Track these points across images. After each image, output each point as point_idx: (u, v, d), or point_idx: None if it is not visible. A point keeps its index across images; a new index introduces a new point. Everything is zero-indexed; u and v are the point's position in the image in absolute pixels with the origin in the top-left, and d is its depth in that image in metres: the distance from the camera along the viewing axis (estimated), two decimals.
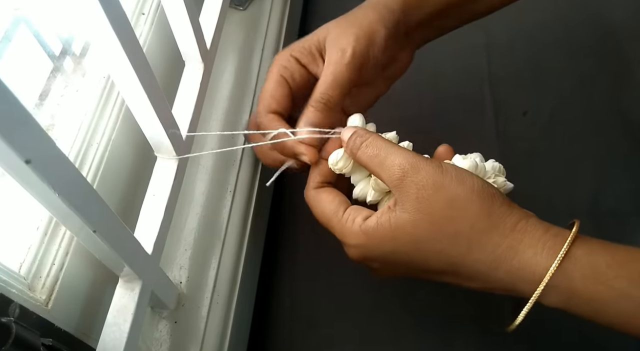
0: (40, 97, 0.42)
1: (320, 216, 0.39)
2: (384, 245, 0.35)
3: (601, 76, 0.64)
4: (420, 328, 0.52)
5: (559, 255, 0.30)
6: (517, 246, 0.31)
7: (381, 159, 0.35)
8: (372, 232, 0.35)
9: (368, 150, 0.36)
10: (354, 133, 0.38)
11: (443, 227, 0.33)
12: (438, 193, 0.33)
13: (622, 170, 0.58)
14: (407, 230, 0.34)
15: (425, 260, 0.34)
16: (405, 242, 0.34)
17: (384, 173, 0.35)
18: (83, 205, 0.28)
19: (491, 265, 0.32)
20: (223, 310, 0.46)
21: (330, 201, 0.38)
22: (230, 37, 0.61)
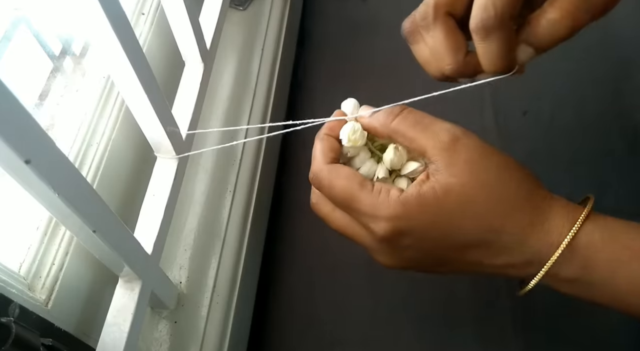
0: (40, 97, 0.42)
1: (342, 190, 0.34)
2: (425, 213, 0.32)
3: (601, 77, 0.64)
4: (420, 328, 0.52)
5: (582, 216, 0.32)
6: (548, 211, 0.33)
7: (425, 124, 0.34)
8: (413, 202, 0.32)
9: (410, 116, 0.34)
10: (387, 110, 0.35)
11: (491, 190, 0.32)
12: (488, 157, 0.33)
13: (622, 170, 0.58)
14: (454, 194, 0.32)
15: (465, 229, 0.33)
16: (450, 208, 0.32)
17: (429, 138, 0.33)
18: (83, 205, 0.28)
19: (525, 231, 0.32)
20: (223, 310, 0.46)
21: (353, 174, 0.34)
22: (230, 37, 0.61)
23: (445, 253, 0.34)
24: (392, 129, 0.35)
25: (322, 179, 0.35)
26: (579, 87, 0.64)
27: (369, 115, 0.36)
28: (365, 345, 0.52)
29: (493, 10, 0.30)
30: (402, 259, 0.35)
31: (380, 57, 0.70)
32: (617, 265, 0.31)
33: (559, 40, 0.34)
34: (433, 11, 0.33)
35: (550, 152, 0.60)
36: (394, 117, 0.35)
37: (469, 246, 0.33)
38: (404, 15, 0.39)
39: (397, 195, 0.33)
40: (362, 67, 0.70)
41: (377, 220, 0.33)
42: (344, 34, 0.73)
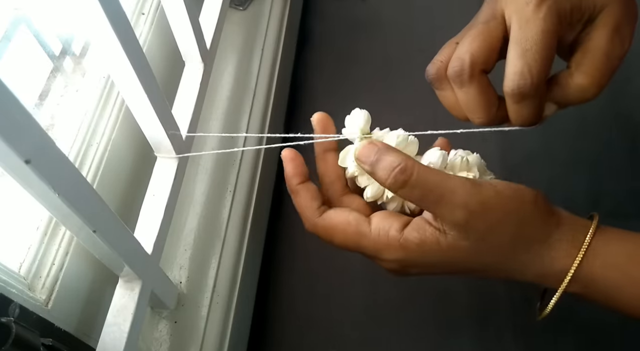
0: (40, 97, 0.42)
1: (344, 242, 0.34)
2: (425, 257, 0.33)
3: None
4: (420, 329, 0.52)
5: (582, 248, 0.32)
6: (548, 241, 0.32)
7: (436, 195, 0.31)
8: (414, 247, 0.32)
9: (417, 186, 0.31)
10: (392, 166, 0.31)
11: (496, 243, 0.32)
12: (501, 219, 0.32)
13: (622, 171, 0.58)
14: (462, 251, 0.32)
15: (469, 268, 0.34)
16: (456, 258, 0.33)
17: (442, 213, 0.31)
18: (83, 205, 0.28)
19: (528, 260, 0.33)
20: (223, 310, 0.46)
21: (347, 222, 0.33)
22: (230, 37, 0.61)
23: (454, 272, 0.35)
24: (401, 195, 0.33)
25: (319, 235, 0.35)
26: None
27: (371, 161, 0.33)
28: (364, 344, 0.53)
29: (529, 77, 0.31)
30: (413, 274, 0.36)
31: (380, 57, 0.70)
32: (616, 291, 0.32)
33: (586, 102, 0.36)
34: (469, 70, 0.33)
35: (549, 152, 0.60)
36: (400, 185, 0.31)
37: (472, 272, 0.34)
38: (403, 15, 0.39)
39: (398, 239, 0.32)
40: (362, 66, 0.70)
41: (382, 261, 0.34)
42: (344, 34, 0.73)
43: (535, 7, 0.31)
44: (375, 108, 0.49)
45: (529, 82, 0.32)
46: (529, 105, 0.34)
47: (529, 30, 0.32)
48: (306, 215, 0.35)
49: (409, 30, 0.71)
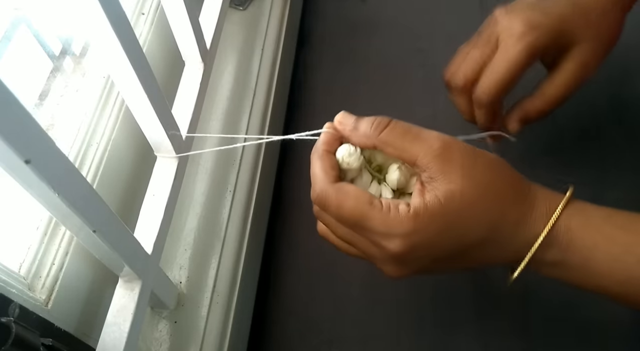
0: (40, 97, 0.42)
1: (352, 210, 0.34)
2: (434, 222, 0.33)
3: (601, 78, 0.64)
4: (420, 328, 0.52)
5: (561, 204, 0.34)
6: (534, 202, 0.35)
7: (414, 134, 0.34)
8: (422, 213, 0.33)
9: (398, 127, 0.35)
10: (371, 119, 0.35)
11: (486, 190, 0.34)
12: (477, 159, 0.34)
13: (622, 171, 0.58)
14: (456, 199, 0.33)
15: (470, 229, 0.34)
16: (455, 213, 0.33)
17: (420, 147, 0.34)
18: (83, 205, 0.28)
19: (519, 221, 0.34)
20: (223, 310, 0.46)
21: (361, 193, 0.34)
22: (230, 37, 0.61)
23: (451, 256, 0.35)
24: (381, 140, 0.35)
25: (328, 199, 0.34)
26: None
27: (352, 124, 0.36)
28: (364, 344, 0.53)
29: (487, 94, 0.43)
30: (411, 269, 0.36)
31: (380, 57, 0.70)
32: (592, 249, 0.33)
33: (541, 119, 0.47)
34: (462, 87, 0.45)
35: (550, 152, 0.60)
36: (382, 129, 0.35)
37: (472, 245, 0.34)
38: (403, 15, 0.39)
39: (407, 211, 0.33)
40: (362, 66, 0.70)
41: (392, 238, 0.33)
42: (344, 34, 0.73)
43: (515, 40, 0.41)
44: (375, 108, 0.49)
45: (484, 97, 0.43)
46: (483, 113, 0.45)
47: (502, 58, 0.42)
48: (321, 178, 0.35)
49: (408, 30, 0.71)
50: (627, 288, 0.33)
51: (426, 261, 0.35)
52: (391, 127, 0.35)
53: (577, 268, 0.34)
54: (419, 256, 0.34)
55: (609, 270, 0.33)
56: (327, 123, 0.37)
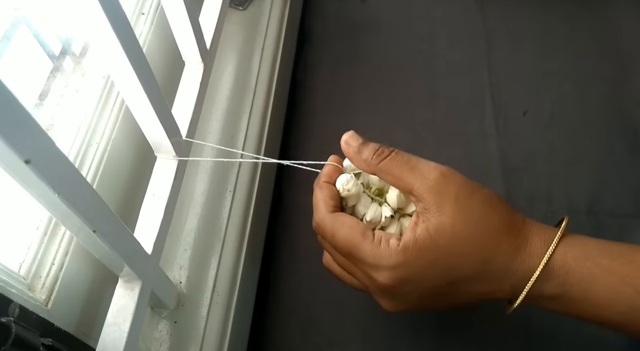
0: (40, 97, 0.42)
1: (345, 240, 0.35)
2: (423, 256, 0.34)
3: (601, 78, 0.64)
4: (419, 329, 0.52)
5: (556, 238, 0.34)
6: (528, 236, 0.35)
7: (412, 165, 0.35)
8: (412, 247, 0.33)
9: (398, 157, 0.35)
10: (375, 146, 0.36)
11: (479, 225, 0.34)
12: (474, 192, 0.35)
13: (621, 171, 0.58)
14: (447, 232, 0.33)
15: (460, 263, 0.34)
16: (445, 247, 0.34)
17: (417, 177, 0.34)
18: (83, 205, 0.28)
19: (512, 256, 0.34)
20: (223, 310, 0.46)
21: (355, 224, 0.35)
22: (230, 37, 0.61)
23: (443, 290, 0.36)
24: (380, 168, 0.36)
25: (325, 228, 0.36)
26: (578, 87, 0.64)
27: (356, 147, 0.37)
28: (364, 345, 0.52)
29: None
30: (403, 303, 0.36)
31: (380, 57, 0.70)
32: (591, 281, 0.33)
33: None
34: None
35: (550, 152, 0.60)
36: (383, 158, 0.36)
37: (463, 279, 0.35)
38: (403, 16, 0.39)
39: (397, 244, 0.34)
40: (362, 66, 0.70)
41: (380, 270, 0.35)
42: (344, 34, 0.73)
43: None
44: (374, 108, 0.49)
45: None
46: None
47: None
48: (320, 207, 0.37)
49: (408, 30, 0.71)
50: (627, 318, 0.33)
51: (416, 295, 0.36)
52: (392, 157, 0.36)
53: (576, 301, 0.34)
54: (409, 290, 0.35)
55: (608, 301, 0.33)
56: (331, 156, 0.39)
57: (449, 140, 0.62)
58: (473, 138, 0.63)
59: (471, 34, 0.70)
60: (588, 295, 0.33)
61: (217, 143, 0.54)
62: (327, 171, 0.38)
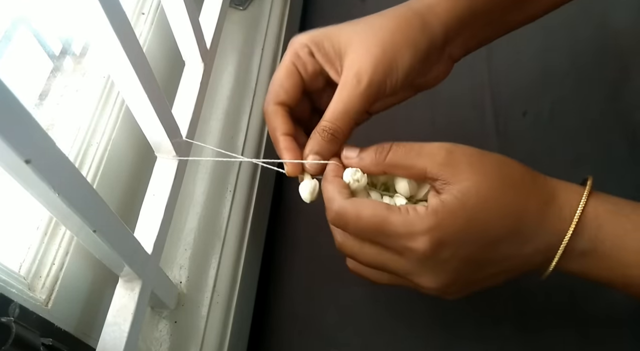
0: (40, 97, 0.42)
1: (371, 219, 0.34)
2: (455, 218, 0.33)
3: (601, 78, 0.64)
4: (419, 329, 0.52)
5: (585, 193, 0.34)
6: (554, 191, 0.35)
7: (417, 150, 0.35)
8: (441, 210, 0.33)
9: (399, 149, 0.36)
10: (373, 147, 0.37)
11: (502, 183, 0.34)
12: (485, 156, 0.35)
13: (621, 170, 0.58)
14: (472, 194, 0.33)
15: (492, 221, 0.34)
16: (474, 207, 0.33)
17: (425, 160, 0.35)
18: (83, 204, 0.28)
19: (543, 213, 0.34)
20: (223, 309, 0.46)
21: (377, 202, 0.35)
22: (230, 36, 0.61)
23: (482, 255, 0.34)
24: (388, 164, 0.36)
25: (347, 214, 0.35)
26: (578, 87, 0.64)
27: (357, 155, 0.37)
28: (364, 345, 0.52)
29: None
30: (445, 274, 0.34)
31: None
32: (622, 236, 0.33)
33: None
34: None
35: (550, 152, 0.60)
36: (386, 153, 0.36)
37: (500, 240, 0.34)
38: None
39: (425, 209, 0.33)
40: None
41: (415, 237, 0.33)
42: None
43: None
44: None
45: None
46: None
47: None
48: (335, 197, 0.36)
49: None
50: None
51: (457, 263, 0.34)
52: (394, 149, 0.36)
53: (607, 258, 0.34)
54: (448, 256, 0.33)
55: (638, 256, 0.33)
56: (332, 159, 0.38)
57: (449, 140, 0.62)
58: (473, 138, 0.63)
59: None
60: (619, 252, 0.33)
61: (217, 143, 0.54)
62: (332, 168, 0.38)
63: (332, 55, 0.39)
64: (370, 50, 0.38)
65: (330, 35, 0.40)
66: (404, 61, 0.38)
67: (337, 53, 0.39)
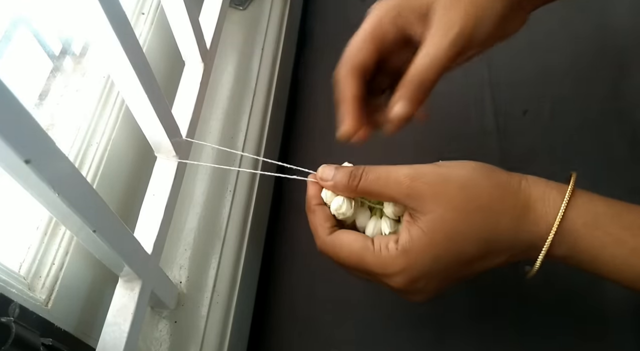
0: (40, 97, 0.42)
1: (349, 258, 0.36)
2: (425, 255, 0.34)
3: (601, 77, 0.64)
4: (419, 328, 0.52)
5: (562, 205, 0.33)
6: (528, 202, 0.34)
7: (384, 179, 0.36)
8: (410, 248, 0.34)
9: (369, 176, 0.36)
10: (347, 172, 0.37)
11: (467, 209, 0.34)
12: (448, 183, 0.35)
13: (621, 170, 0.58)
14: (438, 227, 0.34)
15: (463, 250, 0.34)
16: (442, 240, 0.34)
17: (392, 189, 0.35)
18: (83, 204, 0.28)
19: (516, 228, 0.34)
20: (223, 309, 0.46)
21: (353, 239, 0.36)
22: (230, 36, 0.61)
23: (456, 274, 0.36)
24: (360, 191, 0.37)
25: (328, 252, 0.38)
26: (579, 87, 0.64)
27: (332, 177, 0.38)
28: (364, 345, 0.52)
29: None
30: (426, 293, 0.37)
31: None
32: (599, 250, 0.33)
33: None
34: None
35: (550, 151, 0.60)
36: (358, 180, 0.36)
37: (473, 260, 0.35)
38: None
39: (395, 248, 0.35)
40: None
41: (389, 277, 0.35)
42: (344, 34, 0.73)
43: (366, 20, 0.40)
44: None
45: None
46: None
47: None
48: (318, 233, 0.38)
49: None
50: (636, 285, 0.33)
51: (434, 285, 0.36)
52: (364, 177, 0.36)
53: (586, 263, 0.34)
54: (424, 284, 0.36)
55: (617, 270, 0.33)
56: (311, 175, 0.39)
57: (449, 140, 0.62)
58: (473, 137, 0.63)
59: None
60: (597, 261, 0.33)
61: (217, 143, 0.54)
62: (314, 192, 0.39)
63: (417, 16, 0.39)
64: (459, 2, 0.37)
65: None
66: (493, 13, 0.38)
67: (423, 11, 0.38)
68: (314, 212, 0.38)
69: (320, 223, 0.38)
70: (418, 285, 0.35)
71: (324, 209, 0.38)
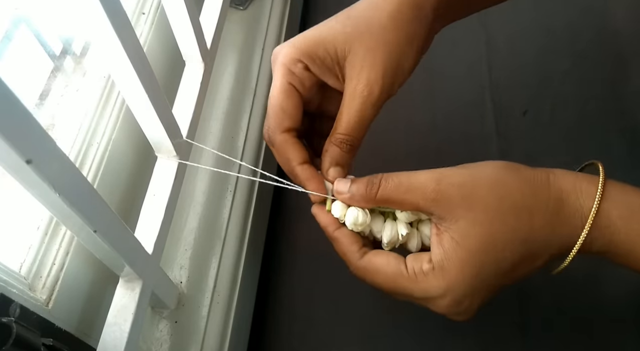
0: (41, 97, 0.42)
1: (386, 284, 0.35)
2: (464, 270, 0.32)
3: (601, 78, 0.64)
4: (420, 329, 0.52)
5: (597, 196, 0.32)
6: (560, 196, 0.32)
7: (406, 185, 0.34)
8: (446, 265, 0.32)
9: (388, 183, 0.34)
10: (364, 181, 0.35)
11: (501, 209, 0.32)
12: (477, 183, 0.33)
13: (621, 170, 0.58)
14: (472, 233, 0.32)
15: (502, 256, 0.33)
16: (478, 249, 0.32)
17: (416, 195, 0.33)
18: (83, 205, 0.28)
19: (551, 224, 0.32)
20: (223, 309, 0.46)
21: (386, 263, 0.35)
22: (230, 36, 0.61)
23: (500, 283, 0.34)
24: (379, 201, 0.35)
25: (365, 280, 0.36)
26: (578, 87, 0.64)
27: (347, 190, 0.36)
28: (364, 345, 0.52)
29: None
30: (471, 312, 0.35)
31: None
32: (636, 242, 0.32)
33: None
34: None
35: (550, 152, 0.60)
36: (376, 189, 0.35)
37: (514, 266, 0.33)
38: None
39: (431, 268, 0.33)
40: None
41: (432, 301, 0.34)
42: None
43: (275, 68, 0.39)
44: None
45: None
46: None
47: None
48: (349, 259, 0.37)
49: None
50: None
51: (479, 301, 0.34)
52: (383, 185, 0.35)
53: (624, 256, 0.33)
54: (470, 304, 0.34)
55: None
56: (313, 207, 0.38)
57: (450, 141, 0.62)
58: (473, 138, 0.63)
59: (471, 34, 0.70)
60: (632, 255, 0.32)
61: (218, 143, 0.54)
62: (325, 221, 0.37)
63: (330, 63, 0.37)
64: (376, 56, 0.36)
65: (322, 41, 0.37)
66: (409, 60, 0.37)
67: (335, 59, 0.37)
68: (336, 240, 0.37)
69: (347, 249, 0.36)
70: (463, 306, 0.34)
71: (344, 233, 0.37)
